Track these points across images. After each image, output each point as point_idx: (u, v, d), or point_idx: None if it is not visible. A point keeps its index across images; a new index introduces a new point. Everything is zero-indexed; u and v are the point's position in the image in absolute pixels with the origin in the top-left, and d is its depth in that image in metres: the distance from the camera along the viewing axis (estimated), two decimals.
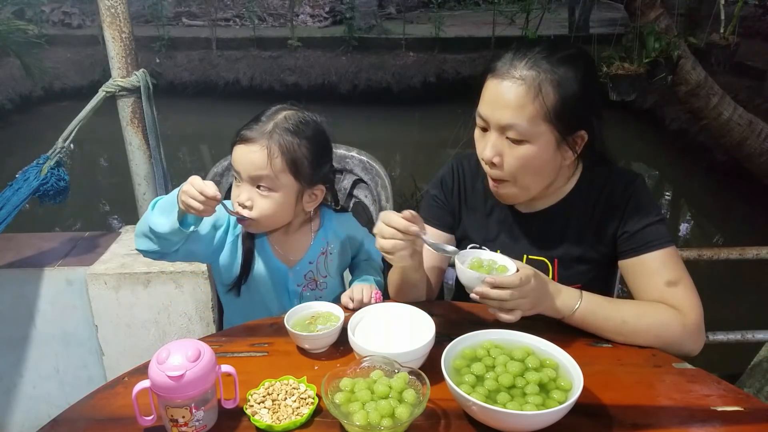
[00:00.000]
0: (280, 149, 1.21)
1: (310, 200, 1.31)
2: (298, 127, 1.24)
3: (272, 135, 1.22)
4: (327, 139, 1.32)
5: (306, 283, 1.38)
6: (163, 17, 8.39)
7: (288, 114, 1.26)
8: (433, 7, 8.50)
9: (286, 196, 1.25)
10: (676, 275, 1.14)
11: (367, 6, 8.70)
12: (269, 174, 1.22)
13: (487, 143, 1.13)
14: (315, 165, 1.26)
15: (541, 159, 1.12)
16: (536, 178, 1.15)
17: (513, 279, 1.04)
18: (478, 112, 1.14)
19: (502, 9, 8.40)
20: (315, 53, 7.99)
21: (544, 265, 1.24)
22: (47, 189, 1.74)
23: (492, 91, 1.10)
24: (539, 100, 1.07)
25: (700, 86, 3.41)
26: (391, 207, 1.68)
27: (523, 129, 1.08)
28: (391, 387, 0.92)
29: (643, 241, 1.16)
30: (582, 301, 1.12)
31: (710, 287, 1.39)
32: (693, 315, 1.12)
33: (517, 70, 1.08)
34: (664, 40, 3.15)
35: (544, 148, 1.11)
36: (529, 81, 1.07)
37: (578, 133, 1.13)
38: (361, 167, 1.68)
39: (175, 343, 0.92)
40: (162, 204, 1.20)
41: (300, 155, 1.23)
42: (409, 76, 7.77)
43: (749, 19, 7.27)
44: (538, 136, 1.09)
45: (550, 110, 1.07)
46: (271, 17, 9.37)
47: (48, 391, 2.00)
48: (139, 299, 1.86)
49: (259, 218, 1.25)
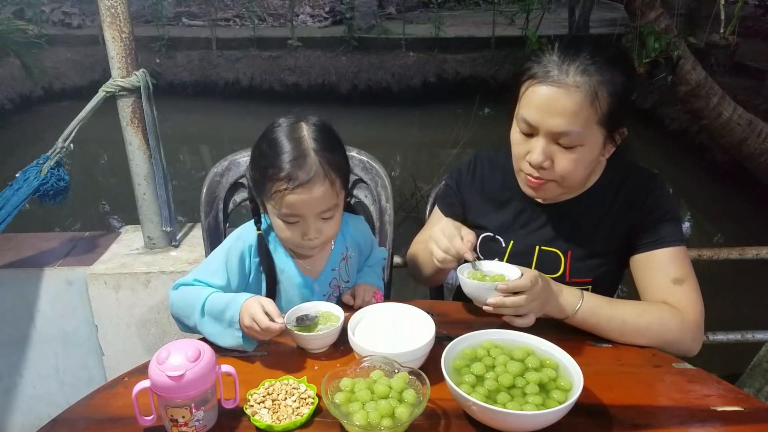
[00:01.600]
0: (328, 170, 1.14)
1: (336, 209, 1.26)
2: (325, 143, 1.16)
3: (321, 165, 1.13)
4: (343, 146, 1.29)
5: (331, 291, 1.35)
6: (163, 17, 8.39)
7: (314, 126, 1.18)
8: (433, 7, 8.50)
9: (340, 213, 1.24)
10: (682, 274, 1.15)
11: (367, 6, 8.71)
12: (337, 203, 1.19)
13: (536, 148, 1.11)
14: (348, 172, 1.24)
15: (590, 159, 1.14)
16: (581, 177, 1.17)
17: (525, 282, 1.05)
18: (523, 118, 1.11)
19: (502, 9, 8.40)
20: (315, 53, 7.99)
21: (556, 257, 1.24)
22: (47, 189, 1.73)
23: (542, 98, 1.08)
24: (595, 106, 1.07)
25: (700, 86, 3.41)
26: (391, 207, 1.68)
27: (577, 135, 1.08)
28: (391, 387, 0.92)
29: (655, 237, 1.17)
30: (584, 301, 1.12)
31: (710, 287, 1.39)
32: (692, 313, 1.13)
33: (570, 76, 1.06)
34: (664, 40, 3.15)
35: (593, 149, 1.12)
36: (585, 88, 1.05)
37: (621, 130, 1.15)
38: (361, 167, 1.68)
39: (175, 343, 0.93)
40: (212, 313, 1.13)
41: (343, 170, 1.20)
42: (409, 76, 7.77)
43: (749, 19, 7.27)
44: (589, 139, 1.10)
45: (605, 114, 1.08)
46: (271, 17, 9.37)
47: (48, 391, 2.00)
48: (139, 299, 1.86)
49: (326, 241, 1.23)
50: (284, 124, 1.17)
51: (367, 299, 1.26)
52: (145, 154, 1.82)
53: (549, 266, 1.23)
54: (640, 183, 1.21)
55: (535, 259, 1.24)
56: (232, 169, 1.64)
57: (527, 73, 1.11)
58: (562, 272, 1.22)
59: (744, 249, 2.03)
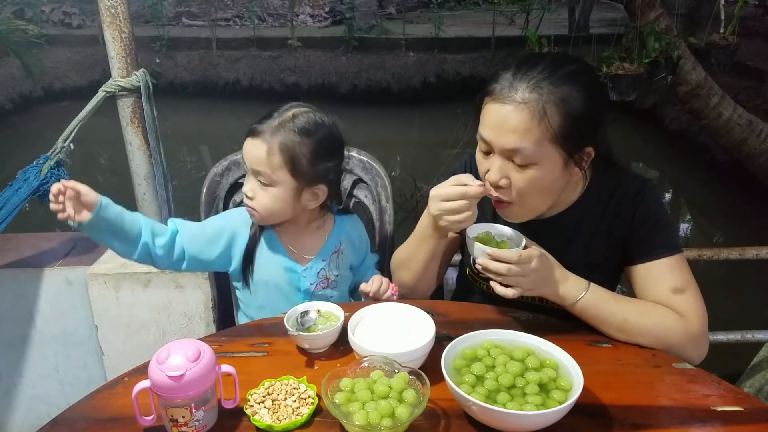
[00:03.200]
0: (279, 146, 1.23)
1: (311, 198, 1.31)
2: (303, 126, 1.26)
3: (276, 132, 1.24)
4: (334, 140, 1.32)
5: (318, 282, 1.38)
6: (163, 17, 8.38)
7: (297, 112, 1.28)
8: (433, 7, 8.49)
9: (283, 193, 1.27)
10: (683, 283, 1.14)
11: (367, 6, 8.70)
12: (266, 170, 1.25)
13: (493, 166, 1.10)
14: (315, 164, 1.27)
15: (549, 180, 1.10)
16: (543, 199, 1.15)
17: (511, 255, 1.05)
18: (480, 135, 1.11)
19: (502, 9, 8.40)
20: (315, 53, 7.99)
21: None
22: (47, 189, 1.73)
23: (494, 115, 1.07)
24: (544, 123, 1.04)
25: (700, 86, 3.40)
26: (391, 207, 1.68)
27: (530, 153, 1.05)
28: (391, 387, 0.92)
29: (650, 248, 1.15)
30: (587, 293, 1.12)
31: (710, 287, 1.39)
32: (697, 323, 1.12)
33: (519, 92, 1.04)
34: (664, 40, 3.15)
35: (551, 170, 1.08)
36: (533, 104, 1.03)
37: (585, 150, 1.11)
38: (361, 167, 1.68)
39: (175, 343, 0.93)
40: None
41: (299, 153, 1.25)
42: (409, 76, 7.76)
43: (749, 19, 7.27)
44: (544, 158, 1.06)
45: (556, 132, 1.04)
46: (271, 17, 9.37)
47: (48, 391, 2.00)
48: (139, 299, 1.86)
49: (259, 210, 1.28)
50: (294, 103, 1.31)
51: (384, 289, 1.29)
52: (145, 154, 1.82)
53: None
54: (630, 192, 1.18)
55: None
56: (232, 169, 1.64)
57: (485, 90, 1.10)
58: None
59: (744, 249, 2.03)
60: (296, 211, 1.32)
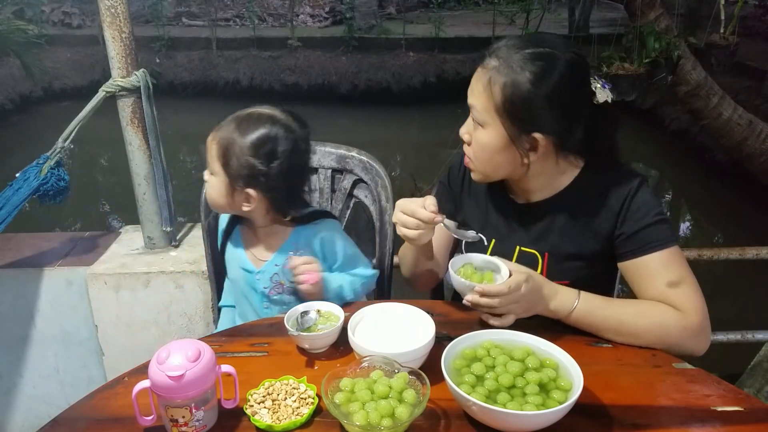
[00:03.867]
0: (219, 138, 1.27)
1: (244, 200, 1.30)
2: (245, 126, 1.27)
3: (222, 126, 1.29)
4: (276, 149, 1.27)
5: (273, 286, 1.37)
6: (163, 17, 8.38)
7: (254, 112, 1.30)
8: (433, 7, 8.49)
9: (219, 184, 1.30)
10: (678, 276, 1.13)
11: (367, 6, 8.69)
12: (209, 158, 1.30)
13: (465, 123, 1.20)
14: (245, 165, 1.25)
15: (492, 148, 1.15)
16: (491, 166, 1.19)
17: (501, 288, 1.06)
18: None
19: (502, 9, 8.40)
20: (315, 53, 7.98)
21: (534, 258, 1.23)
22: (47, 189, 1.73)
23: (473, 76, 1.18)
24: (488, 91, 1.11)
25: (700, 86, 3.41)
26: (391, 207, 1.68)
27: (478, 113, 1.14)
28: (391, 387, 0.92)
29: (642, 243, 1.15)
30: (579, 302, 1.12)
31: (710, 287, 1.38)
32: (695, 316, 1.11)
33: (485, 59, 1.14)
34: (664, 40, 3.15)
35: (494, 138, 1.14)
36: (485, 72, 1.12)
37: (532, 135, 1.12)
38: (361, 167, 1.68)
39: (175, 343, 0.93)
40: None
41: (233, 152, 1.26)
42: (409, 76, 7.76)
43: (749, 19, 7.27)
44: (489, 124, 1.14)
45: (498, 105, 1.11)
46: (271, 17, 9.36)
47: (48, 391, 2.00)
48: (139, 299, 1.86)
49: (207, 196, 1.34)
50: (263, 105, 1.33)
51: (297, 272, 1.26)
52: (145, 154, 1.82)
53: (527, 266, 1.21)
54: (621, 187, 1.18)
55: (515, 259, 1.23)
56: None
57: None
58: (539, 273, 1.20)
59: (744, 249, 2.03)
60: (235, 207, 1.32)
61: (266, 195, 1.29)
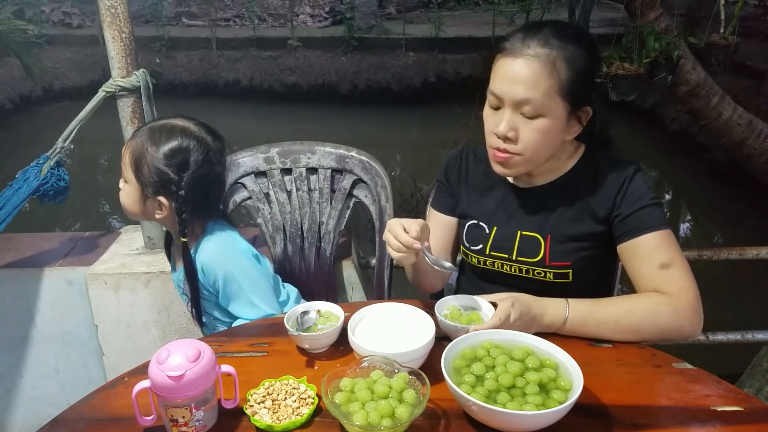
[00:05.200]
0: (132, 146, 1.30)
1: (156, 208, 1.32)
2: (157, 136, 1.29)
3: (138, 133, 1.31)
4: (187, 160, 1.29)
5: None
6: (163, 17, 8.37)
7: (168, 123, 1.32)
8: (433, 7, 8.48)
9: (131, 191, 1.32)
10: (669, 257, 1.15)
11: (367, 6, 8.69)
12: (123, 165, 1.32)
13: (502, 119, 1.16)
14: (155, 173, 1.28)
15: (553, 132, 1.16)
16: (545, 151, 1.20)
17: (493, 322, 1.07)
18: (491, 90, 1.17)
19: (502, 9, 8.39)
20: (315, 53, 7.98)
21: (536, 241, 1.25)
22: (47, 189, 1.73)
23: (506, 69, 1.14)
24: (554, 75, 1.11)
25: (700, 86, 3.40)
26: (391, 207, 1.68)
27: (539, 103, 1.12)
28: (391, 387, 0.92)
29: (636, 224, 1.18)
30: (570, 310, 1.13)
31: (710, 287, 1.38)
32: (685, 297, 1.13)
33: (531, 48, 1.12)
34: (664, 40, 3.15)
35: (556, 121, 1.15)
36: (543, 57, 1.11)
37: (584, 108, 1.18)
38: (360, 167, 1.68)
39: (175, 343, 0.93)
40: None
41: (142, 159, 1.28)
42: (409, 76, 7.75)
43: (749, 19, 7.26)
44: (551, 109, 1.13)
45: (563, 84, 1.12)
46: (271, 17, 9.35)
47: (48, 391, 2.00)
48: (139, 299, 1.86)
49: (121, 203, 1.35)
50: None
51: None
52: None
53: (529, 251, 1.25)
54: (617, 171, 1.22)
55: (517, 244, 1.26)
56: (232, 169, 1.64)
57: (497, 48, 1.18)
58: (542, 256, 1.23)
59: (744, 249, 2.03)
60: (147, 215, 1.34)
61: (175, 204, 1.30)
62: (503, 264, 1.28)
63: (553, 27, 1.15)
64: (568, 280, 1.23)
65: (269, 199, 1.74)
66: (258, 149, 1.71)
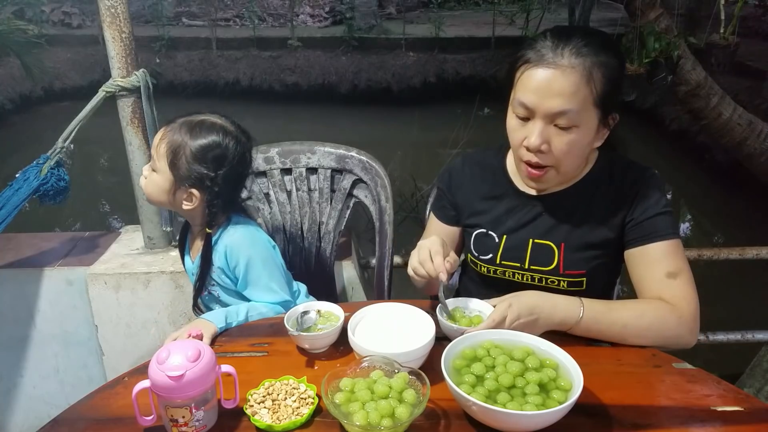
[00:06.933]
0: (169, 139, 1.31)
1: (186, 199, 1.34)
2: (196, 130, 1.32)
3: (172, 126, 1.33)
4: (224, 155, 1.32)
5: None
6: (163, 17, 8.38)
7: (205, 119, 1.34)
8: (433, 7, 8.49)
9: (161, 181, 1.33)
10: (677, 267, 1.15)
11: (367, 6, 8.69)
12: (154, 155, 1.34)
13: (533, 131, 1.12)
14: (192, 166, 1.31)
15: (585, 143, 1.15)
16: (577, 162, 1.19)
17: (487, 324, 1.06)
18: (520, 102, 1.13)
19: (502, 9, 8.39)
20: (315, 53, 7.98)
21: (550, 249, 1.23)
22: (47, 189, 1.73)
23: (539, 80, 1.10)
24: (591, 86, 1.09)
25: (700, 86, 3.40)
26: (391, 207, 1.68)
27: (575, 114, 1.09)
28: (391, 387, 0.92)
29: (648, 231, 1.17)
30: (585, 310, 1.11)
31: (710, 287, 1.39)
32: (688, 308, 1.13)
33: (565, 58, 1.08)
34: (664, 40, 3.15)
35: (588, 132, 1.14)
36: (580, 68, 1.08)
37: (613, 114, 1.17)
38: (360, 167, 1.68)
39: (175, 343, 0.93)
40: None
41: (180, 152, 1.30)
42: (409, 76, 7.76)
43: (749, 19, 7.26)
44: (586, 120, 1.12)
45: (599, 94, 1.10)
46: (271, 17, 9.36)
47: (48, 391, 2.00)
48: (139, 299, 1.86)
49: (144, 191, 1.38)
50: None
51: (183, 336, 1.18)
52: (145, 154, 1.82)
53: (543, 259, 1.23)
54: (633, 177, 1.21)
55: (529, 253, 1.24)
56: None
57: (522, 58, 1.13)
58: (556, 265, 1.22)
59: (744, 249, 2.03)
60: (175, 205, 1.36)
61: (207, 197, 1.34)
62: (515, 273, 1.26)
63: (583, 35, 1.11)
64: (582, 288, 1.22)
65: (269, 199, 1.74)
66: (258, 149, 1.71)
